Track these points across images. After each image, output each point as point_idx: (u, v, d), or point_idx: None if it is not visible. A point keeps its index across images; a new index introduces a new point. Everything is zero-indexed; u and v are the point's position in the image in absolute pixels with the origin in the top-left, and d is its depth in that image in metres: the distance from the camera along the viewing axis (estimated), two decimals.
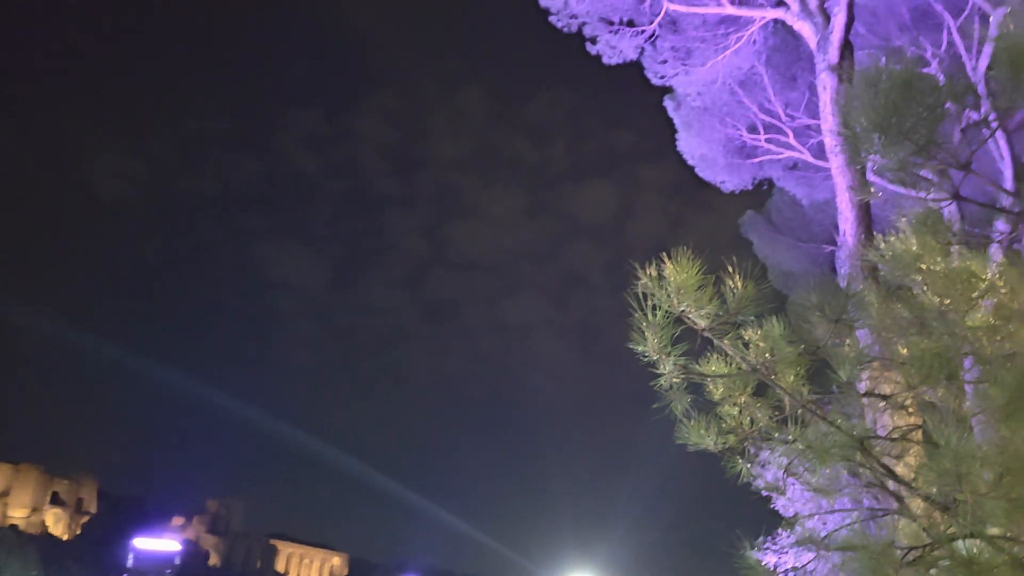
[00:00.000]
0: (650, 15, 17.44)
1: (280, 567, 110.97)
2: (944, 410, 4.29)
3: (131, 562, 79.00)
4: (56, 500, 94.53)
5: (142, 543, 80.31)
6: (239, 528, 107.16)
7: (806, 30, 14.08)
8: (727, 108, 19.77)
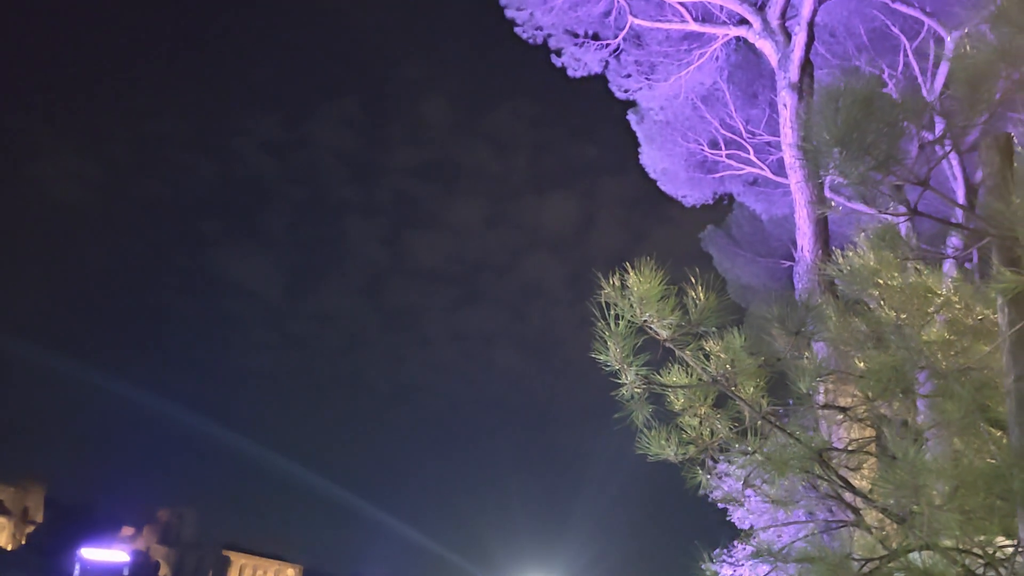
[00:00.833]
0: (615, 29, 17.60)
1: None
2: (899, 423, 4.35)
3: (78, 573, 77.08)
4: (1, 509, 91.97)
5: (90, 553, 78.41)
6: (191, 538, 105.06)
7: (768, 48, 14.31)
8: (689, 123, 20.01)
